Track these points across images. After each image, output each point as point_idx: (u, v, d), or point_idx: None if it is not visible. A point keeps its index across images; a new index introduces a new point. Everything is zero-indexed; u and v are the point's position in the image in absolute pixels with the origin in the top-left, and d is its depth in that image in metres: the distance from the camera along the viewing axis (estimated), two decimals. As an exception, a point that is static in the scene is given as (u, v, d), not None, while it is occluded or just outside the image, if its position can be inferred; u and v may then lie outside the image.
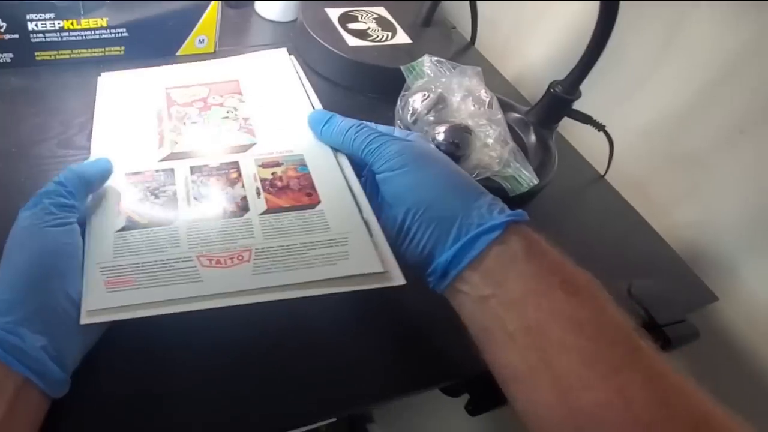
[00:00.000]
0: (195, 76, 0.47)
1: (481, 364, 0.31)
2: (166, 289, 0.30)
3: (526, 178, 0.45)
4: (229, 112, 0.42)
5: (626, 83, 0.57)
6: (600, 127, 0.53)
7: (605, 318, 0.27)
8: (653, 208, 0.54)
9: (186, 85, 0.46)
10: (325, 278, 0.31)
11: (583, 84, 0.49)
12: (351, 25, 0.61)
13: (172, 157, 0.39)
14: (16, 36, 0.49)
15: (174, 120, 0.42)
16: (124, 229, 0.34)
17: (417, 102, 0.47)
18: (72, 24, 0.50)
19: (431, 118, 0.46)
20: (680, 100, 0.53)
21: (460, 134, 0.44)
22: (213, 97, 0.44)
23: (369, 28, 0.61)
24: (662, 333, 0.42)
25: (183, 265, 0.31)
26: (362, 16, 0.63)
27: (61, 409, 0.30)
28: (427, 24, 0.64)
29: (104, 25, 0.51)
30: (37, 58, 0.52)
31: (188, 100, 0.44)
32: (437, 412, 0.76)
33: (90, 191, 0.35)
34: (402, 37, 0.62)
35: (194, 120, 0.42)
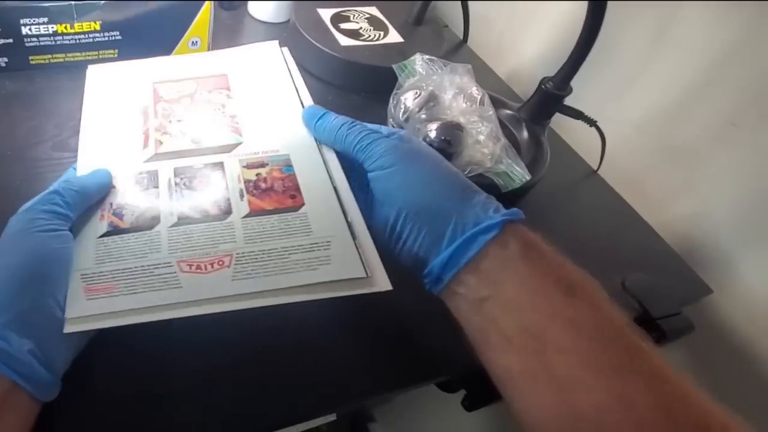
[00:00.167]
0: (184, 70, 0.46)
1: (475, 361, 0.30)
2: (145, 296, 0.30)
3: (518, 174, 0.45)
4: (216, 110, 0.42)
5: (618, 78, 0.57)
6: (591, 123, 0.53)
7: (604, 319, 0.27)
8: (647, 203, 0.54)
9: (174, 80, 0.45)
10: (306, 284, 0.30)
11: (575, 80, 0.49)
12: (343, 25, 0.61)
13: (156, 158, 0.38)
14: (10, 41, 0.50)
15: (160, 118, 0.41)
16: (107, 234, 0.33)
17: (409, 100, 0.47)
18: (65, 28, 0.51)
19: (423, 116, 0.46)
20: (672, 95, 0.53)
21: (452, 131, 0.44)
22: (200, 93, 0.43)
23: (361, 28, 0.62)
24: (657, 326, 0.42)
25: (162, 271, 0.31)
26: (354, 16, 0.64)
27: (60, 409, 0.30)
28: (419, 23, 0.64)
29: (97, 28, 0.52)
30: (31, 62, 0.52)
31: (175, 96, 0.43)
32: (438, 412, 0.76)
33: (88, 203, 0.34)
34: (394, 37, 0.62)
35: (180, 118, 0.41)
